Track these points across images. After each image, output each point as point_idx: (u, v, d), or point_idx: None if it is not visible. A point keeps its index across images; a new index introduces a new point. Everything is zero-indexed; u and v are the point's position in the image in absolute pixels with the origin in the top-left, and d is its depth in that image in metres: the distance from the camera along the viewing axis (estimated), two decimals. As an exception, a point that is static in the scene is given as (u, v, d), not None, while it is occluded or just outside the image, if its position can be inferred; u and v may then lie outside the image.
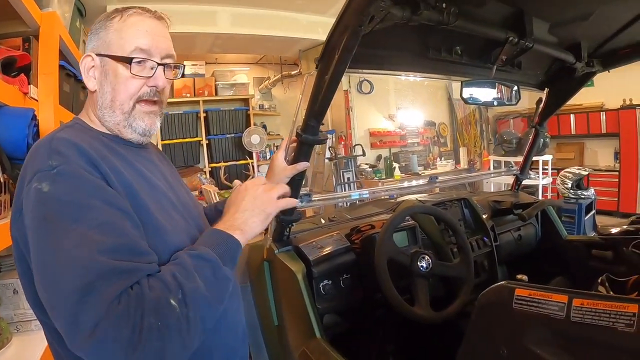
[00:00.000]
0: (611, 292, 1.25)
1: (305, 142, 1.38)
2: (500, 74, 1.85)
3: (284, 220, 1.63)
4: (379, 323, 1.84)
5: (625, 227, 1.79)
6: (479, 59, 1.74)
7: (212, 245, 0.85)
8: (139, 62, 0.93)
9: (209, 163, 6.34)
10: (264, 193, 0.97)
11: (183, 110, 6.15)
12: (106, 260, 0.71)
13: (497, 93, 1.92)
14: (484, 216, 2.15)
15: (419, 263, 1.55)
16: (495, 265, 2.04)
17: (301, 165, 1.41)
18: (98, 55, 0.94)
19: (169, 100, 4.58)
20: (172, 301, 0.72)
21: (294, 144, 1.44)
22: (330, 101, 1.31)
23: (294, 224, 1.70)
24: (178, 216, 0.97)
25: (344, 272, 1.66)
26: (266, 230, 1.74)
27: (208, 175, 6.20)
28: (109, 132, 0.97)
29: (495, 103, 1.89)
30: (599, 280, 1.35)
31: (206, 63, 6.50)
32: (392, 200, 2.27)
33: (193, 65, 6.27)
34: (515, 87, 1.95)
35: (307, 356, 1.47)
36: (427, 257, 1.57)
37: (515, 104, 1.96)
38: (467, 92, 1.79)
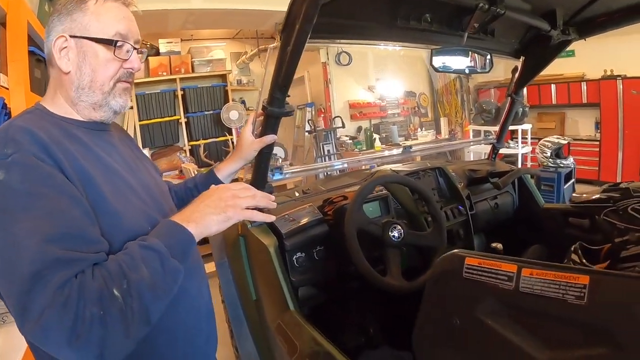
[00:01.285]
0: (584, 261, 1.25)
1: (271, 115, 1.36)
2: (472, 41, 1.82)
3: None
4: (354, 294, 1.85)
5: (597, 195, 1.79)
6: (449, 26, 1.70)
7: (163, 237, 0.85)
8: (120, 45, 0.97)
9: (188, 141, 6.27)
10: (232, 197, 0.96)
11: (160, 89, 6.03)
12: (53, 249, 0.73)
13: (471, 61, 1.90)
14: (459, 185, 2.15)
15: (390, 233, 1.54)
16: (470, 234, 2.05)
17: (268, 139, 1.42)
18: (72, 36, 0.95)
19: (146, 79, 4.56)
20: (115, 291, 0.74)
21: (262, 118, 1.42)
22: (293, 72, 1.29)
23: None
24: (136, 199, 0.99)
25: (317, 244, 1.65)
26: None
27: (188, 154, 6.13)
28: (69, 117, 0.98)
29: (467, 71, 1.86)
30: (572, 249, 1.35)
31: (181, 40, 6.32)
32: (368, 171, 2.25)
33: (168, 42, 6.11)
34: (488, 55, 1.92)
35: (282, 329, 1.47)
36: (399, 226, 1.56)
37: (488, 72, 1.94)
38: (438, 60, 1.76)
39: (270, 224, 1.64)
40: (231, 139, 5.92)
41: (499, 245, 1.78)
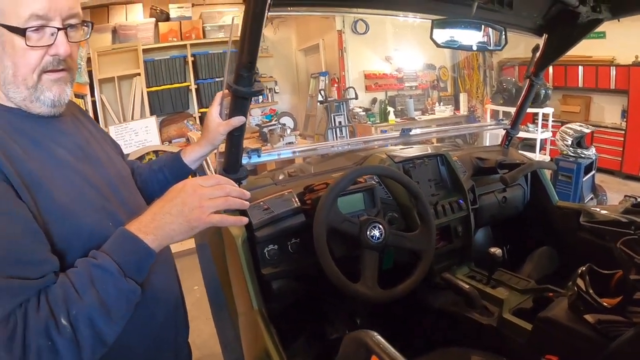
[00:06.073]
0: (591, 291, 1.05)
1: (238, 94, 1.19)
2: (484, 12, 1.60)
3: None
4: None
5: (616, 214, 1.51)
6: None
7: (117, 252, 0.78)
8: (36, 30, 0.81)
9: (198, 108, 6.12)
10: (199, 201, 0.83)
11: (170, 55, 5.88)
12: None
13: (483, 36, 1.67)
14: (464, 175, 1.95)
15: (369, 233, 1.37)
16: (470, 232, 1.86)
17: (236, 121, 1.27)
18: None
19: (155, 45, 4.39)
20: (63, 320, 0.70)
21: (229, 98, 1.27)
22: (257, 48, 1.12)
23: (242, 182, 1.53)
24: (95, 195, 0.90)
25: (292, 235, 1.51)
26: None
27: (198, 121, 6.00)
28: (15, 107, 0.87)
29: (475, 47, 1.63)
30: (579, 272, 1.15)
31: (193, 5, 6.13)
32: (363, 154, 2.05)
33: (179, 8, 5.94)
34: (503, 31, 1.69)
35: (244, 327, 1.39)
36: (380, 225, 1.39)
37: (501, 49, 1.71)
38: (442, 33, 1.53)
39: (243, 212, 1.50)
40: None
41: (498, 251, 1.58)
